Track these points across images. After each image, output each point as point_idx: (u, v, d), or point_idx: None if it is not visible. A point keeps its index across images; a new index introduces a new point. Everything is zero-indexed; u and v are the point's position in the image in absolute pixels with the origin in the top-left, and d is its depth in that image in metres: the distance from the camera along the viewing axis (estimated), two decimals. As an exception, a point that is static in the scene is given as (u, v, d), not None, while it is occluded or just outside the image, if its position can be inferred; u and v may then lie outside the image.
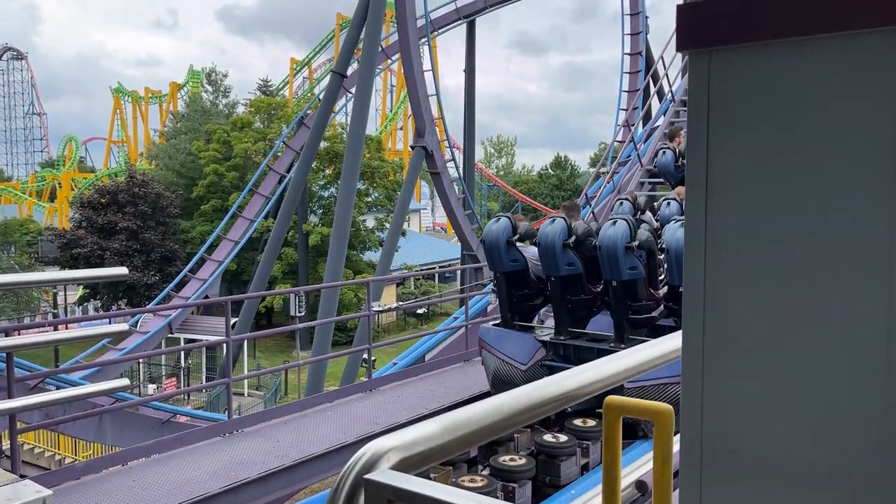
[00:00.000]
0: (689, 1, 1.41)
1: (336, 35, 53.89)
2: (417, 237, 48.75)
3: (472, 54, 32.54)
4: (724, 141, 1.34)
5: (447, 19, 32.27)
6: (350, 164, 20.68)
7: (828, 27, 1.24)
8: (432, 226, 70.87)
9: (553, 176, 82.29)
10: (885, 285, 1.16)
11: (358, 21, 23.00)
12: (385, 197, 37.68)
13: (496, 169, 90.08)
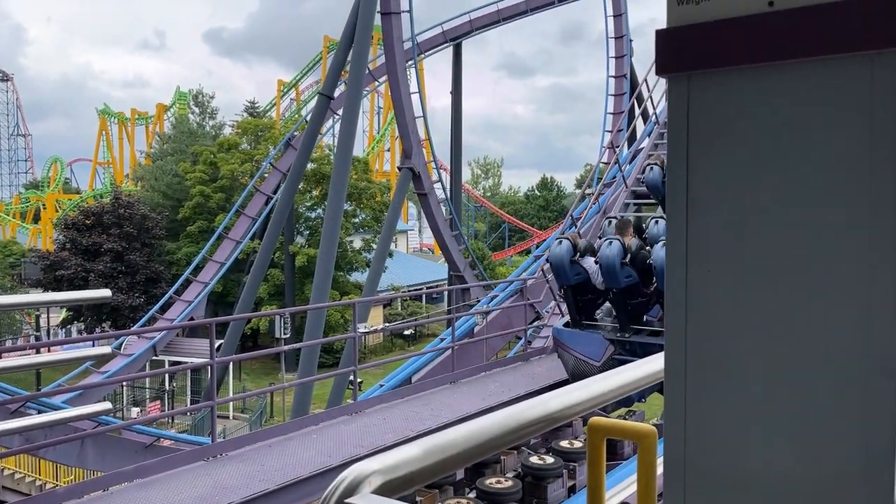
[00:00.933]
0: (668, 26, 1.43)
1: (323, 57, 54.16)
2: (404, 258, 48.71)
3: (458, 76, 32.80)
4: (704, 162, 1.36)
5: (434, 42, 32.54)
6: (337, 185, 20.68)
7: (801, 53, 1.26)
8: (419, 246, 70.87)
9: (539, 197, 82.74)
10: (863, 306, 1.18)
11: (345, 44, 23.14)
12: (372, 218, 37.69)
13: (483, 190, 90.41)
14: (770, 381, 1.25)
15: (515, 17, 32.19)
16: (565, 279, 8.81)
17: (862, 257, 1.18)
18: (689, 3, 1.39)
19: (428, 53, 33.08)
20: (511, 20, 32.38)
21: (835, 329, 1.20)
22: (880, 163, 1.19)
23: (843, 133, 1.23)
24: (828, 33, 1.23)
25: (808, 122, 1.26)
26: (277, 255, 32.67)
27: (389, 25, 21.45)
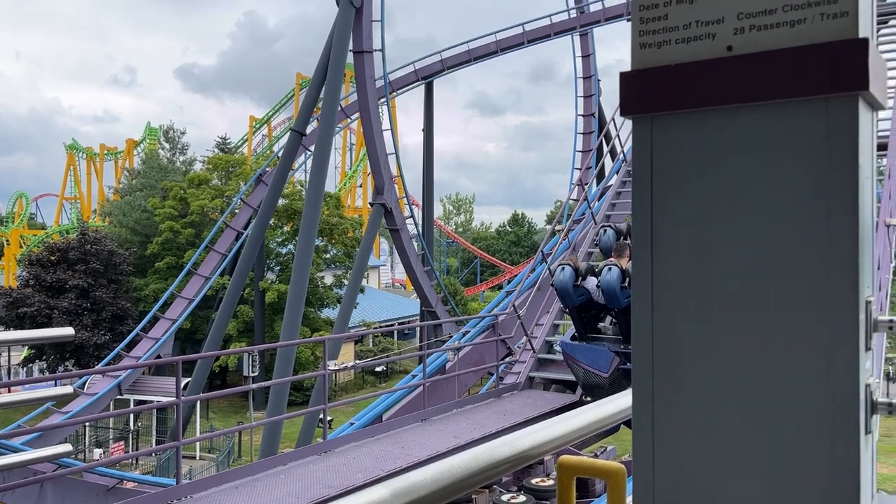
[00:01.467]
0: (631, 69, 1.47)
1: (296, 94, 54.42)
2: (376, 294, 48.47)
3: (430, 114, 33.11)
4: (668, 202, 1.38)
5: (406, 80, 32.89)
6: (308, 220, 20.61)
7: (760, 96, 1.30)
8: (392, 282, 70.66)
9: (511, 233, 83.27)
10: (825, 344, 1.20)
11: (317, 81, 23.28)
12: (344, 254, 37.54)
13: (455, 226, 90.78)
14: (737, 419, 1.26)
15: (486, 56, 32.71)
16: (570, 302, 9.48)
17: (822, 298, 1.21)
18: (651, 47, 1.43)
19: (400, 91, 33.41)
20: (482, 60, 32.90)
21: (799, 367, 1.22)
22: (837, 204, 1.22)
23: (802, 174, 1.26)
24: (785, 78, 1.27)
25: (768, 163, 1.30)
26: (247, 292, 32.32)
27: (362, 64, 21.66)
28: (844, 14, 1.23)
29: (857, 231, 1.21)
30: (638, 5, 1.45)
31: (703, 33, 1.37)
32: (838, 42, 1.23)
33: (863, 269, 1.22)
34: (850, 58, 1.21)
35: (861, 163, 1.24)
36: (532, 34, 32.06)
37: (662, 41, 1.42)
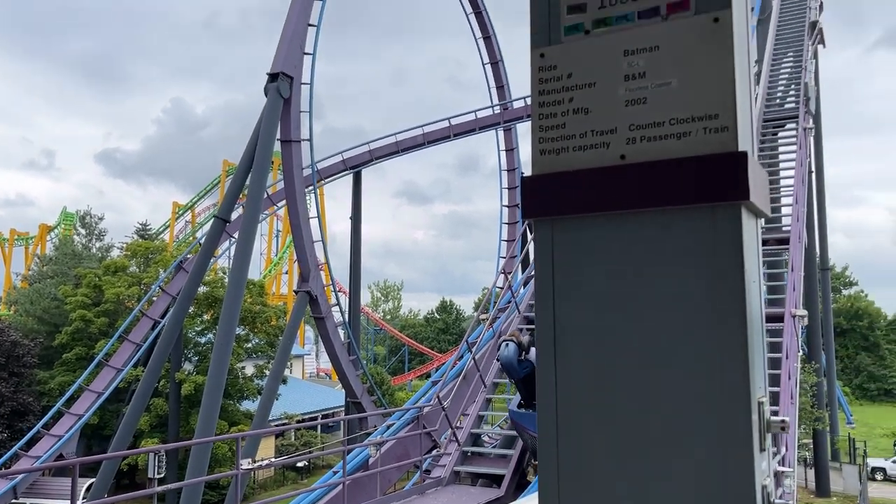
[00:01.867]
0: (532, 174, 1.51)
1: (222, 181, 54.08)
2: (300, 384, 47.08)
3: (357, 203, 33.38)
4: (568, 300, 1.41)
5: (334, 169, 33.23)
6: (229, 308, 20.07)
7: (651, 202, 1.36)
8: (316, 371, 68.92)
9: (439, 320, 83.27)
10: (720, 446, 1.23)
11: (244, 168, 23.20)
12: (266, 343, 36.52)
13: (383, 313, 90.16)
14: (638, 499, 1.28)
15: (414, 148, 33.53)
16: (516, 375, 9.94)
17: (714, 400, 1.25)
18: (550, 154, 1.48)
19: (328, 180, 33.67)
20: (410, 151, 33.68)
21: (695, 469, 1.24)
22: (726, 309, 1.27)
23: (692, 279, 1.31)
24: (673, 186, 1.33)
25: (661, 266, 1.34)
26: (162, 384, 30.84)
27: (289, 153, 21.80)
28: (725, 129, 1.31)
29: (746, 335, 1.25)
30: (538, 114, 1.51)
31: (599, 142, 1.44)
32: (720, 154, 1.30)
33: (754, 371, 1.26)
34: (731, 170, 1.29)
35: (747, 268, 1.30)
36: (458, 128, 33.16)
37: (561, 148, 1.48)
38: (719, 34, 1.32)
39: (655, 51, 1.38)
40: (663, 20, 1.38)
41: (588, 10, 1.46)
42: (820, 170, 32.35)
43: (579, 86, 1.46)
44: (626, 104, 1.40)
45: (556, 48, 1.49)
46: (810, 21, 19.81)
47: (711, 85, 1.32)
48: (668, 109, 1.36)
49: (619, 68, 1.42)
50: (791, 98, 18.33)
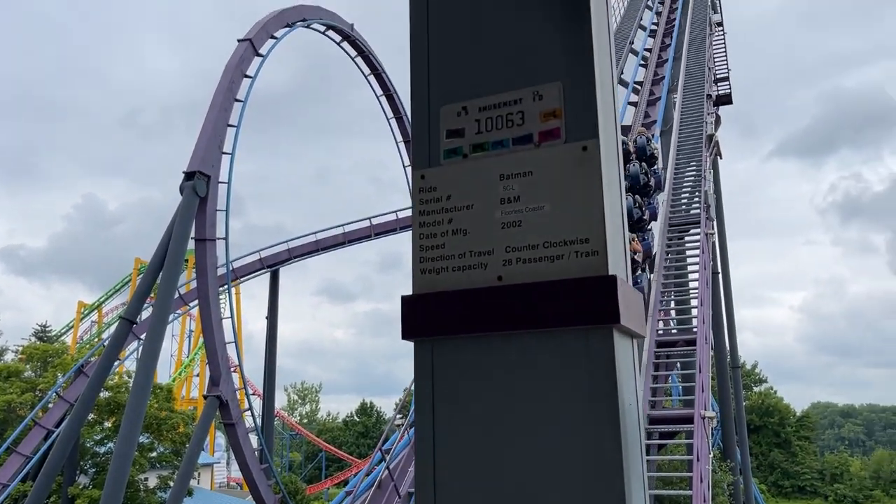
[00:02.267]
0: (413, 293, 1.50)
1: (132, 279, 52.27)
2: (207, 496, 44.25)
3: (274, 303, 32.74)
4: (448, 422, 1.39)
5: (251, 268, 32.67)
6: (132, 414, 18.88)
7: (527, 324, 1.36)
8: (227, 481, 65.09)
9: (359, 423, 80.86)
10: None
11: (155, 266, 22.49)
12: (172, 451, 34.41)
13: (300, 416, 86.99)
14: None
15: (334, 247, 33.48)
16: None
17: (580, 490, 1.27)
18: (430, 273, 1.48)
19: (244, 279, 33.01)
20: (330, 250, 33.60)
21: None
22: (598, 426, 1.27)
23: (569, 403, 1.31)
24: (547, 309, 1.34)
25: (539, 389, 1.33)
26: (54, 499, 28.40)
27: (203, 252, 21.35)
28: (595, 253, 1.34)
29: (621, 459, 1.24)
30: (418, 234, 1.52)
31: (477, 263, 1.45)
32: (591, 278, 1.33)
33: (630, 494, 1.25)
34: (601, 294, 1.31)
35: (621, 391, 1.30)
36: (379, 227, 33.46)
37: (441, 268, 1.48)
38: (588, 162, 1.37)
39: (529, 176, 1.42)
40: (536, 147, 1.43)
41: (466, 135, 1.50)
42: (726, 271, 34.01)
43: (458, 207, 1.48)
44: (503, 227, 1.43)
45: (437, 170, 1.52)
46: (707, 134, 21.36)
47: (581, 211, 1.36)
48: (542, 233, 1.39)
49: (495, 192, 1.45)
50: (695, 204, 19.45)
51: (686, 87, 25.41)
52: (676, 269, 15.94)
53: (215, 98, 20.14)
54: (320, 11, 23.44)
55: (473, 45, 1.53)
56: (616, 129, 1.50)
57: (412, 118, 1.57)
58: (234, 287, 34.86)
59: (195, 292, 26.79)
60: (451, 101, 1.53)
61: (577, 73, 1.40)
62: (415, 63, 1.59)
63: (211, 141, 20.15)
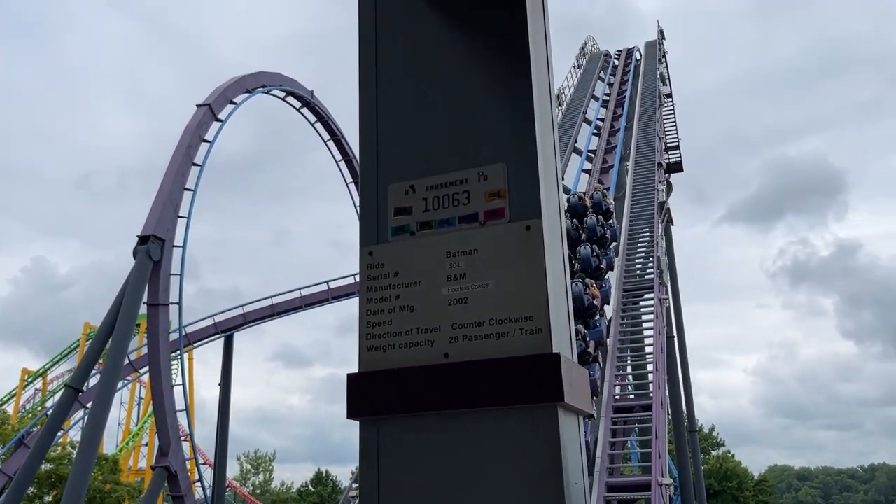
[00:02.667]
0: (359, 371, 1.49)
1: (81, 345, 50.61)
2: (153, 574, 41.94)
3: (228, 369, 31.93)
4: (394, 498, 1.37)
5: (204, 333, 31.94)
6: (74, 488, 18.02)
7: (473, 403, 1.36)
8: (173, 558, 61.90)
9: (314, 493, 78.23)
10: None
11: (104, 333, 21.87)
12: (117, 527, 32.82)
13: (253, 486, 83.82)
14: None
15: (291, 311, 33.03)
16: None
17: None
18: (377, 350, 1.48)
19: (198, 344, 32.23)
20: (286, 314, 33.13)
21: None
22: (542, 495, 1.26)
23: (513, 476, 1.31)
24: (493, 387, 1.35)
25: (483, 466, 1.33)
26: (-15, 581, 26.62)
27: (155, 317, 20.86)
28: (539, 331, 1.36)
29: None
30: (365, 310, 1.52)
31: (424, 340, 1.45)
32: (535, 356, 1.34)
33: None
34: (545, 372, 1.32)
35: (567, 469, 1.30)
36: (336, 291, 33.17)
37: (387, 345, 1.48)
38: (532, 241, 1.40)
39: (475, 254, 1.45)
40: (481, 226, 1.46)
41: (413, 213, 1.53)
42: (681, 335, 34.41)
43: (405, 284, 1.49)
44: (450, 303, 1.44)
45: (385, 247, 1.53)
46: (658, 201, 21.96)
47: (526, 288, 1.38)
48: (488, 310, 1.40)
49: (442, 269, 1.47)
50: (649, 270, 19.81)
51: (638, 156, 26.23)
52: (632, 334, 16.12)
53: (172, 162, 20.08)
54: (280, 78, 23.76)
55: (421, 126, 1.57)
56: (560, 209, 1.55)
57: (360, 195, 1.59)
58: (187, 353, 34.02)
59: (146, 358, 26.03)
60: (399, 179, 1.56)
61: (520, 155, 1.45)
62: (364, 141, 1.62)
63: (167, 204, 19.97)
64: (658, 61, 35.82)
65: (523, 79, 1.49)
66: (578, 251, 15.33)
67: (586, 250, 15.46)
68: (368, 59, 1.64)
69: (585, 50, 39.22)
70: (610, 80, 36.61)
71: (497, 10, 1.57)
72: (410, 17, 1.63)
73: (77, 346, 52.01)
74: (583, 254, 15.32)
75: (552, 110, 1.66)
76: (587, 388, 1.48)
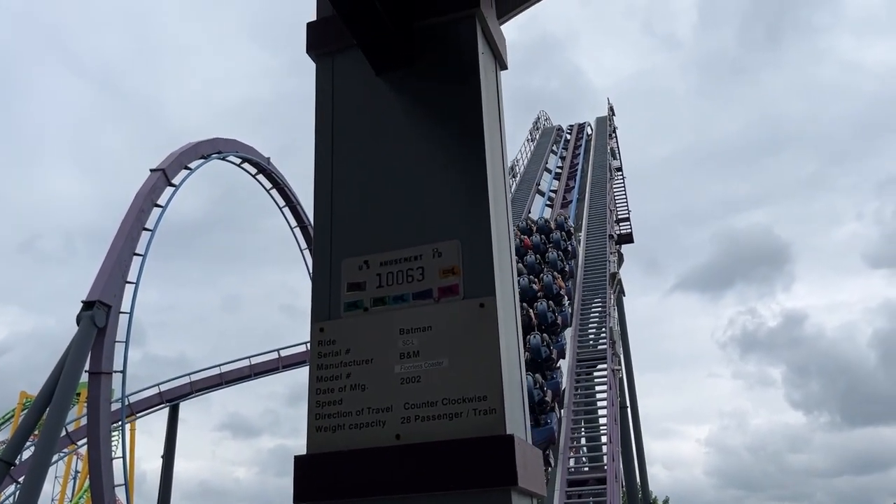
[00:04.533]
0: (307, 453, 1.43)
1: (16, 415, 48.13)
2: None
3: (172, 440, 30.66)
4: None
5: (149, 403, 30.74)
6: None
7: (427, 486, 1.31)
8: None
9: (257, 573, 74.50)
10: None
11: (41, 403, 20.87)
12: None
13: (193, 567, 79.59)
14: None
15: (240, 380, 32.10)
16: None
17: None
18: (326, 431, 1.43)
19: (141, 414, 30.96)
20: (235, 383, 32.18)
21: None
22: None
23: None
24: (445, 470, 1.30)
25: None
26: None
27: (97, 385, 20.02)
28: (493, 411, 1.33)
29: None
30: (315, 388, 1.47)
31: (375, 420, 1.41)
32: (489, 438, 1.31)
33: None
34: (499, 454, 1.29)
35: (521, 559, 1.25)
36: (287, 360, 32.41)
37: (337, 425, 1.43)
38: (486, 319, 1.39)
39: (428, 331, 1.42)
40: (436, 302, 1.45)
41: (367, 289, 1.51)
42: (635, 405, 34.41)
43: (357, 361, 1.45)
44: (402, 382, 1.41)
45: (336, 323, 1.50)
46: (610, 273, 22.30)
47: (479, 367, 1.36)
48: (440, 390, 1.37)
49: (395, 346, 1.44)
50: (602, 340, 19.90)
51: (589, 227, 26.76)
52: (586, 405, 16.07)
53: (122, 226, 19.71)
54: (236, 145, 23.78)
55: (376, 202, 1.56)
56: (514, 287, 1.54)
57: (313, 269, 1.57)
58: (130, 423, 32.67)
59: (84, 429, 24.84)
60: (352, 254, 1.54)
61: (474, 232, 1.45)
62: (318, 214, 1.61)
63: (114, 269, 19.47)
64: (608, 136, 37.06)
65: (477, 156, 1.51)
66: (528, 340, 15.02)
67: (536, 340, 15.12)
68: (325, 132, 1.65)
69: (539, 124, 40.42)
70: (562, 154, 37.64)
71: (452, 87, 1.60)
72: (367, 93, 1.65)
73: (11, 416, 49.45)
74: (532, 343, 14.95)
75: (506, 187, 1.68)
76: (541, 470, 1.45)
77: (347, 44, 1.69)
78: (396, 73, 1.66)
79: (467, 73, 1.60)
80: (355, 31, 1.63)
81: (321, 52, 1.78)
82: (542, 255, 20.17)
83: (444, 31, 1.67)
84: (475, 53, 1.62)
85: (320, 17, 1.84)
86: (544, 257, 19.99)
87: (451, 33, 1.66)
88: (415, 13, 1.69)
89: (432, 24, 1.68)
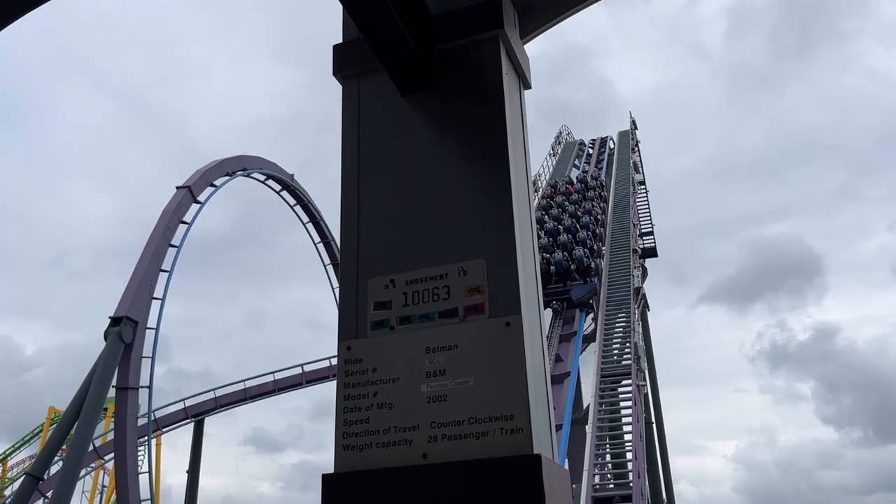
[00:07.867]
0: (334, 471, 1.44)
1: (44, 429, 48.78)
2: None
3: (197, 455, 30.86)
4: None
5: (174, 418, 30.99)
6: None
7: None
8: None
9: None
10: None
11: (69, 418, 21.14)
12: None
13: (217, 583, 79.69)
14: None
15: (264, 395, 32.25)
16: None
17: None
18: (354, 450, 1.44)
19: (167, 429, 31.21)
20: (259, 398, 32.33)
21: None
22: None
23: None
24: (473, 490, 1.31)
25: None
26: None
27: (124, 401, 20.24)
28: (520, 430, 1.33)
29: None
30: (342, 407, 1.48)
31: (401, 439, 1.41)
32: (516, 458, 1.31)
33: None
34: (526, 474, 1.29)
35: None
36: (311, 375, 32.52)
37: (365, 444, 1.44)
38: (512, 338, 1.40)
39: (454, 349, 1.43)
40: (461, 321, 1.45)
41: (393, 308, 1.52)
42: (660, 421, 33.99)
43: (384, 380, 1.46)
44: (429, 401, 1.41)
45: (363, 342, 1.52)
46: (634, 287, 22.13)
47: (506, 386, 1.36)
48: (467, 408, 1.37)
49: (421, 365, 1.45)
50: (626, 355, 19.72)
51: (613, 242, 26.60)
52: (611, 421, 15.91)
53: (149, 243, 19.98)
54: (261, 162, 24.05)
55: (402, 221, 1.58)
56: (539, 306, 1.55)
57: (340, 289, 1.59)
58: (155, 438, 32.93)
59: (111, 444, 25.08)
60: (378, 273, 1.56)
61: (500, 251, 1.46)
62: (344, 235, 1.63)
63: (141, 286, 19.73)
64: (631, 150, 36.90)
65: (502, 176, 1.52)
66: (552, 256, 18.70)
67: (559, 255, 18.95)
68: (351, 153, 1.67)
69: (560, 139, 40.39)
70: (585, 168, 37.55)
71: (476, 108, 1.61)
72: (392, 114, 1.67)
73: (40, 431, 50.14)
74: (556, 258, 18.32)
75: (530, 207, 1.68)
76: (568, 489, 1.45)
77: (373, 66, 1.72)
78: (421, 95, 1.68)
79: (491, 93, 1.61)
80: (381, 54, 1.65)
81: (347, 73, 1.80)
82: None
83: (468, 52, 1.69)
84: (499, 74, 1.64)
85: (346, 40, 1.87)
86: None
87: (475, 55, 1.68)
88: (439, 35, 1.71)
89: (456, 46, 1.71)
